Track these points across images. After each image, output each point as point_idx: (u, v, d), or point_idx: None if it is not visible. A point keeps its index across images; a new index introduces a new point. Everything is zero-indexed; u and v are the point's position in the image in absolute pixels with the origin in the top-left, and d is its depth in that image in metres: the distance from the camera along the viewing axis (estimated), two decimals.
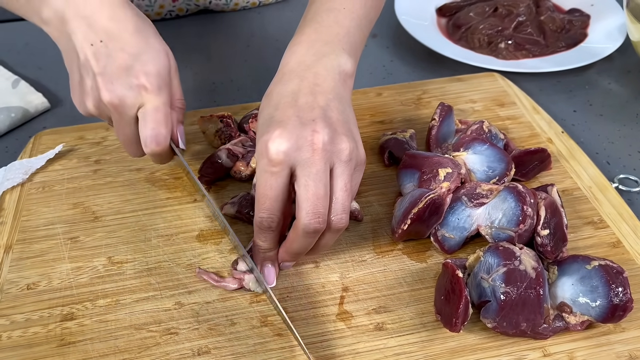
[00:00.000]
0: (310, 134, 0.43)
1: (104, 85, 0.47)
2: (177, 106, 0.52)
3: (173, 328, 0.47)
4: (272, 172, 0.43)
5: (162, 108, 0.49)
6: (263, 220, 0.45)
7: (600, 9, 0.83)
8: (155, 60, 0.49)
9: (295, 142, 0.43)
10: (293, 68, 0.47)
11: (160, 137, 0.49)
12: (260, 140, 0.44)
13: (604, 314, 0.44)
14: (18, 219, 0.56)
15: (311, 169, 0.43)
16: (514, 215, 0.49)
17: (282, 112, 0.44)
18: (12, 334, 0.47)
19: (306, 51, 0.48)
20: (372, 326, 0.47)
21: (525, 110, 0.67)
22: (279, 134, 0.43)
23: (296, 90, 0.46)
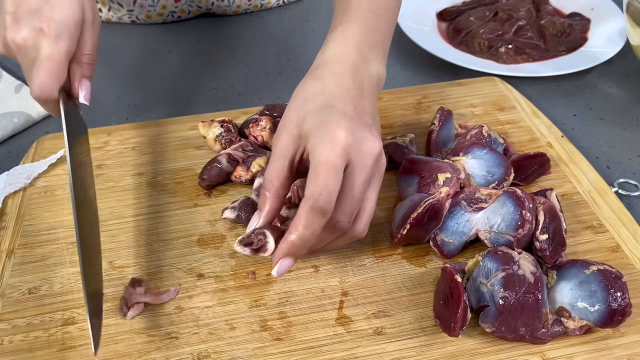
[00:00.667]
0: (372, 138, 0.44)
1: (11, 25, 0.47)
2: (83, 61, 0.50)
3: (173, 332, 0.47)
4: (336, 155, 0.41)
5: (56, 57, 0.47)
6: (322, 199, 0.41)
7: (600, 13, 0.83)
8: (63, 9, 0.47)
9: (359, 141, 0.43)
10: (343, 61, 0.47)
11: (45, 86, 0.47)
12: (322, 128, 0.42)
13: (603, 318, 0.44)
14: (20, 224, 0.56)
15: (362, 173, 0.43)
16: (512, 220, 0.49)
17: (343, 104, 0.44)
18: (13, 338, 0.47)
19: (355, 51, 0.48)
20: (372, 331, 0.47)
21: (525, 115, 0.67)
22: (346, 126, 0.42)
23: (350, 87, 0.46)
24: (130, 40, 0.85)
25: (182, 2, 0.85)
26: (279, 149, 0.45)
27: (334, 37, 0.49)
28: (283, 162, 0.44)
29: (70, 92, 0.51)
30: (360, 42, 0.48)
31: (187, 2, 0.85)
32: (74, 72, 0.50)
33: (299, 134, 0.44)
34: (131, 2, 0.84)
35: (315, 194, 0.41)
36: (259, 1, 0.89)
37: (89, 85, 0.52)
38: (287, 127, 0.45)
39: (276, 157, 0.45)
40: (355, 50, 0.48)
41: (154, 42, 0.85)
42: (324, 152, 0.42)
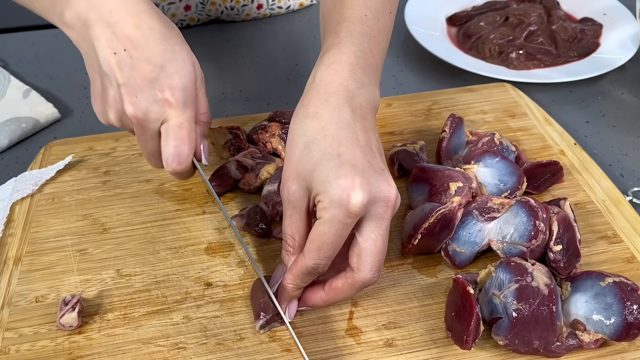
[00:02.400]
0: (387, 188, 0.41)
1: (128, 98, 0.45)
2: (202, 120, 0.51)
3: (181, 342, 0.46)
4: (346, 223, 0.40)
5: (186, 125, 0.47)
6: (319, 267, 0.42)
7: (612, 18, 0.82)
8: (181, 73, 0.46)
9: (374, 195, 0.41)
10: (337, 91, 0.44)
11: (182, 156, 0.47)
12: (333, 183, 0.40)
13: (619, 332, 0.43)
14: (27, 231, 0.56)
15: (382, 225, 0.42)
16: (525, 230, 0.48)
17: (351, 152, 0.41)
18: (20, 348, 0.46)
19: (349, 75, 0.45)
20: (382, 342, 0.46)
21: (537, 122, 0.66)
22: (359, 183, 0.40)
23: (351, 123, 0.43)
24: None
25: (192, 11, 0.84)
26: (292, 202, 0.43)
27: (326, 61, 0.46)
28: (299, 215, 0.43)
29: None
30: (354, 66, 0.45)
31: (196, 11, 0.85)
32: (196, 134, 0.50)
33: (308, 186, 0.42)
34: None
35: (315, 262, 0.42)
36: (268, 11, 0.88)
37: (207, 145, 0.52)
38: (294, 178, 0.43)
39: (291, 210, 0.43)
40: (350, 76, 0.45)
41: None
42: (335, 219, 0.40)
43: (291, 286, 0.45)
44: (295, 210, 0.43)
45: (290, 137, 0.44)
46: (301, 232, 0.44)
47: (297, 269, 0.44)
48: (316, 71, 0.46)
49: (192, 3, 0.83)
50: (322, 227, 0.41)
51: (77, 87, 0.76)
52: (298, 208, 0.43)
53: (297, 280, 0.44)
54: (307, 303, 0.46)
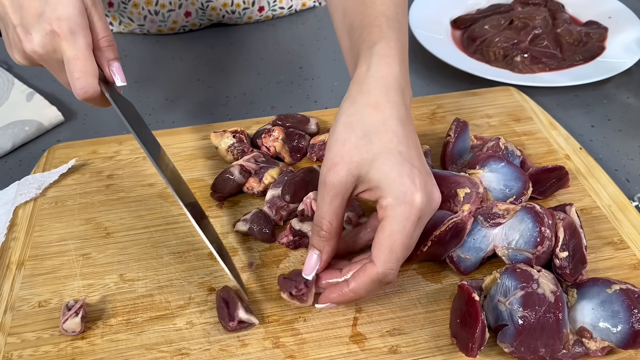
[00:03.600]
0: (436, 191, 0.44)
1: (23, 36, 0.47)
2: (103, 45, 0.50)
3: (184, 348, 0.46)
4: (413, 222, 0.41)
5: (80, 54, 0.47)
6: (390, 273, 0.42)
7: (617, 21, 0.82)
8: (63, 3, 0.47)
9: (429, 197, 0.43)
10: (394, 86, 0.45)
11: (86, 86, 0.48)
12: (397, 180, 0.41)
13: (625, 340, 0.43)
14: (30, 235, 0.56)
15: (423, 225, 0.44)
16: (531, 237, 0.48)
17: (409, 151, 0.43)
18: (22, 353, 0.46)
19: (399, 71, 0.46)
20: (386, 349, 0.46)
21: (542, 126, 0.66)
22: (420, 184, 0.42)
23: (407, 121, 0.45)
24: (142, 49, 0.85)
25: (193, 17, 0.84)
26: (337, 187, 0.43)
27: (380, 52, 0.46)
28: (341, 201, 0.43)
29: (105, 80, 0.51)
30: (402, 62, 0.47)
31: (198, 16, 0.84)
32: (100, 60, 0.50)
33: (361, 175, 0.42)
34: (142, 18, 0.83)
35: (387, 267, 0.42)
36: (270, 12, 0.88)
37: (119, 65, 0.52)
38: (347, 164, 0.42)
39: (334, 195, 0.43)
40: (400, 72, 0.46)
41: (166, 50, 0.84)
42: (402, 220, 0.41)
43: (353, 296, 0.44)
44: (338, 196, 0.43)
45: (345, 121, 0.44)
46: (339, 218, 0.44)
47: (364, 277, 0.43)
48: (370, 60, 0.46)
49: (192, 9, 0.83)
50: (390, 226, 0.41)
51: None
52: (341, 194, 0.43)
53: (362, 291, 0.43)
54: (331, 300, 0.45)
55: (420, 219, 0.43)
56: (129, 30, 0.86)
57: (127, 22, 0.84)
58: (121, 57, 0.82)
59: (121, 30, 0.86)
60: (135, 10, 0.82)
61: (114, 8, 0.83)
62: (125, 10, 0.82)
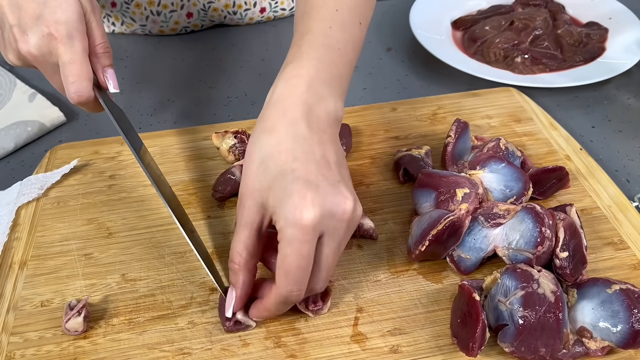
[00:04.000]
0: (342, 200, 0.41)
1: (20, 37, 0.48)
2: (99, 52, 0.51)
3: (186, 348, 0.46)
4: (305, 241, 0.40)
5: (76, 59, 0.48)
6: (292, 294, 0.41)
7: (618, 22, 0.82)
8: (63, 7, 0.47)
9: (329, 209, 0.40)
10: (294, 105, 0.44)
11: (80, 90, 0.48)
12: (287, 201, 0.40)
13: (625, 339, 0.43)
14: (33, 235, 0.56)
15: (338, 238, 0.41)
16: (531, 237, 0.48)
17: (305, 166, 0.41)
18: (25, 352, 0.46)
19: (307, 89, 0.44)
20: (387, 348, 0.46)
21: (543, 127, 0.66)
22: (311, 199, 0.39)
23: (307, 136, 0.42)
24: (144, 50, 0.85)
25: (195, 18, 0.85)
26: (244, 218, 0.43)
27: (284, 76, 0.45)
28: (249, 232, 0.43)
29: (99, 85, 0.52)
30: (312, 79, 0.45)
31: (199, 17, 0.85)
32: (95, 66, 0.51)
33: (263, 203, 0.42)
34: (144, 18, 0.84)
35: (287, 290, 0.41)
36: (271, 14, 0.88)
37: (113, 72, 0.52)
38: (250, 195, 0.42)
39: (242, 227, 0.43)
40: (307, 89, 0.44)
41: (167, 51, 0.84)
42: (292, 241, 0.40)
43: (266, 314, 0.45)
44: (246, 227, 0.43)
45: (247, 153, 0.44)
46: (249, 250, 0.44)
47: (272, 299, 0.43)
48: (275, 86, 0.46)
49: (193, 10, 0.83)
50: (283, 250, 0.40)
51: None
52: (249, 225, 0.43)
53: (273, 309, 0.44)
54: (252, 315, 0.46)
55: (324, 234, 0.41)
56: (131, 30, 0.86)
57: (129, 22, 0.85)
58: (123, 58, 0.83)
59: (123, 30, 0.87)
60: (138, 10, 0.83)
61: (117, 8, 0.83)
62: (128, 11, 0.83)
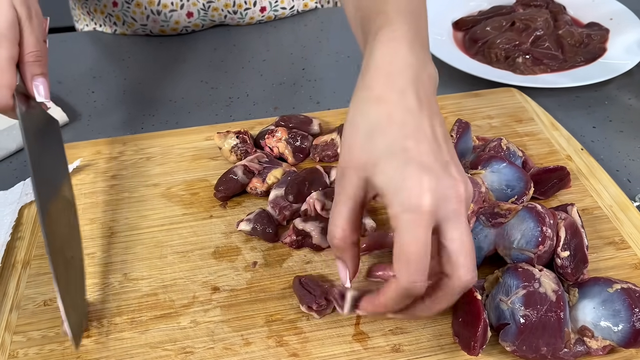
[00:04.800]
0: (455, 183, 0.38)
1: None
2: (28, 60, 0.50)
3: (188, 347, 0.47)
4: (424, 227, 0.37)
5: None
6: (416, 286, 0.38)
7: (619, 23, 0.82)
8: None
9: (443, 193, 0.38)
10: (401, 70, 0.41)
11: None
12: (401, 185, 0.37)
13: (627, 338, 0.43)
14: (36, 234, 0.56)
15: (461, 221, 0.39)
16: (533, 236, 0.48)
17: (417, 146, 0.39)
18: (28, 351, 0.47)
19: (409, 51, 0.42)
20: (389, 347, 0.46)
21: (544, 127, 0.66)
22: (427, 184, 0.37)
23: (417, 110, 0.40)
24: (146, 51, 0.85)
25: (195, 17, 0.85)
26: (347, 191, 0.41)
27: (381, 39, 0.43)
28: (353, 205, 0.41)
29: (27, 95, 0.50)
30: (411, 42, 0.42)
31: (200, 17, 0.85)
32: (25, 74, 0.50)
33: (368, 178, 0.39)
34: (144, 17, 0.84)
35: (410, 281, 0.38)
36: (272, 13, 0.88)
37: (44, 81, 0.51)
38: (354, 167, 0.40)
39: (345, 200, 0.41)
40: (410, 51, 0.42)
41: (169, 52, 0.85)
42: (411, 229, 0.37)
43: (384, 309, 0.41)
44: (349, 200, 0.41)
45: (350, 122, 0.41)
46: (352, 225, 0.42)
47: (391, 292, 0.40)
48: (372, 50, 0.43)
49: (193, 10, 0.84)
50: (401, 238, 0.38)
51: (85, 92, 0.77)
52: (353, 199, 0.41)
53: (392, 303, 0.40)
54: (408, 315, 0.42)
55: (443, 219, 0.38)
56: (132, 30, 0.87)
57: (130, 21, 0.85)
58: (125, 59, 0.83)
59: (125, 30, 0.87)
60: (138, 10, 0.83)
61: (118, 8, 0.83)
62: (129, 10, 0.83)
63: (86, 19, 0.90)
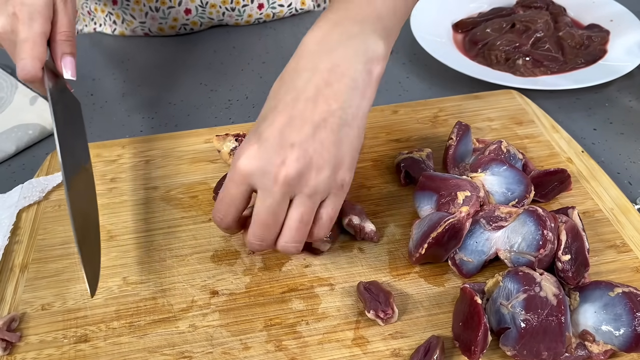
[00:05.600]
0: (279, 164, 0.42)
1: None
2: (60, 39, 0.53)
3: (187, 352, 0.46)
4: (233, 181, 0.44)
5: (31, 38, 0.50)
6: (217, 220, 0.47)
7: (619, 24, 0.82)
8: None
9: (263, 167, 0.43)
10: (312, 50, 0.44)
11: (27, 66, 0.50)
12: (243, 143, 0.44)
13: (628, 343, 0.43)
14: (34, 238, 0.56)
15: (267, 199, 0.44)
16: (533, 240, 0.48)
17: (272, 118, 0.43)
18: (26, 356, 0.46)
19: (331, 29, 0.44)
20: (389, 352, 0.46)
21: (544, 129, 0.66)
22: (253, 151, 0.43)
23: (302, 88, 0.43)
24: (144, 52, 0.85)
25: (193, 15, 0.85)
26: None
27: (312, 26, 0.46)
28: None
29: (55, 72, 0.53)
30: (341, 19, 0.44)
31: (198, 14, 0.85)
32: (55, 51, 0.53)
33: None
34: (143, 15, 0.84)
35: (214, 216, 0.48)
36: (270, 10, 0.88)
37: (72, 60, 0.53)
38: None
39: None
40: (331, 29, 0.44)
41: (168, 54, 0.84)
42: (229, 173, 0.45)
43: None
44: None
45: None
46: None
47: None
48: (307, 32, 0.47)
49: (191, 6, 0.84)
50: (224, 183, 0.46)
51: (84, 94, 0.77)
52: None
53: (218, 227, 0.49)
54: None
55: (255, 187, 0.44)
56: (131, 28, 0.86)
57: (129, 19, 0.85)
58: (124, 61, 0.83)
59: (124, 29, 0.87)
60: (137, 6, 0.83)
61: (118, 5, 0.84)
62: (128, 7, 0.83)
63: (86, 19, 0.90)
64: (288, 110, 0.43)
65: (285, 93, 0.44)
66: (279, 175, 0.42)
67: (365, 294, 0.48)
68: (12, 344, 0.47)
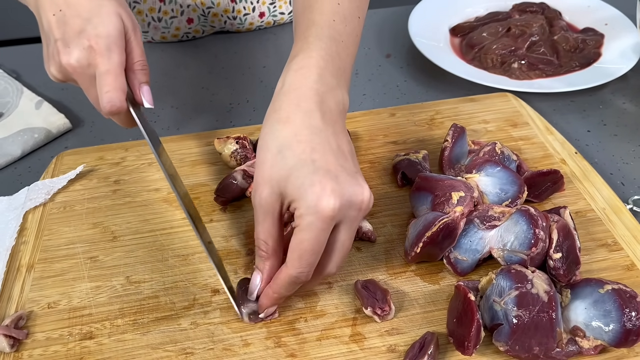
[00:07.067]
0: (360, 191, 0.43)
1: (62, 49, 0.49)
2: (137, 68, 0.53)
3: (189, 348, 0.48)
4: (322, 229, 0.42)
5: (112, 70, 0.49)
6: (302, 275, 0.44)
7: (614, 28, 0.83)
8: (104, 22, 0.50)
9: (348, 199, 0.42)
10: (307, 95, 0.46)
11: (113, 99, 0.49)
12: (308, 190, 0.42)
13: (618, 338, 0.44)
14: (40, 238, 0.57)
15: (353, 226, 0.44)
16: (526, 239, 0.49)
17: (324, 157, 0.43)
18: (33, 353, 0.48)
19: (317, 79, 0.46)
20: (385, 348, 0.47)
21: (539, 131, 0.67)
22: (331, 189, 0.42)
23: (322, 127, 0.44)
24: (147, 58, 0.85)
25: (195, 23, 0.86)
26: (264, 207, 0.45)
27: (294, 66, 0.47)
28: (272, 220, 0.45)
29: (133, 102, 0.53)
30: (322, 70, 0.47)
31: (200, 22, 0.86)
32: (132, 81, 0.53)
33: (282, 192, 0.43)
34: (145, 25, 0.85)
35: (298, 271, 0.44)
36: (271, 18, 0.90)
37: (149, 89, 0.54)
38: (268, 183, 0.44)
39: (263, 215, 0.45)
40: (319, 79, 0.46)
41: (170, 58, 0.86)
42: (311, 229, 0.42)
43: (276, 296, 0.47)
44: (267, 215, 0.45)
45: (262, 142, 0.45)
46: (274, 237, 0.46)
47: (281, 279, 0.45)
48: (285, 76, 0.47)
49: (193, 16, 0.85)
50: (300, 235, 0.43)
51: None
52: (270, 213, 0.45)
53: (282, 290, 0.46)
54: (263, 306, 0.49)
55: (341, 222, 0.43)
56: None
57: None
58: None
59: None
60: (139, 17, 0.84)
61: None
62: None
63: None
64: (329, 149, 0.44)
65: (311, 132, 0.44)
66: (364, 199, 0.43)
67: (362, 292, 0.49)
68: (19, 341, 0.48)
